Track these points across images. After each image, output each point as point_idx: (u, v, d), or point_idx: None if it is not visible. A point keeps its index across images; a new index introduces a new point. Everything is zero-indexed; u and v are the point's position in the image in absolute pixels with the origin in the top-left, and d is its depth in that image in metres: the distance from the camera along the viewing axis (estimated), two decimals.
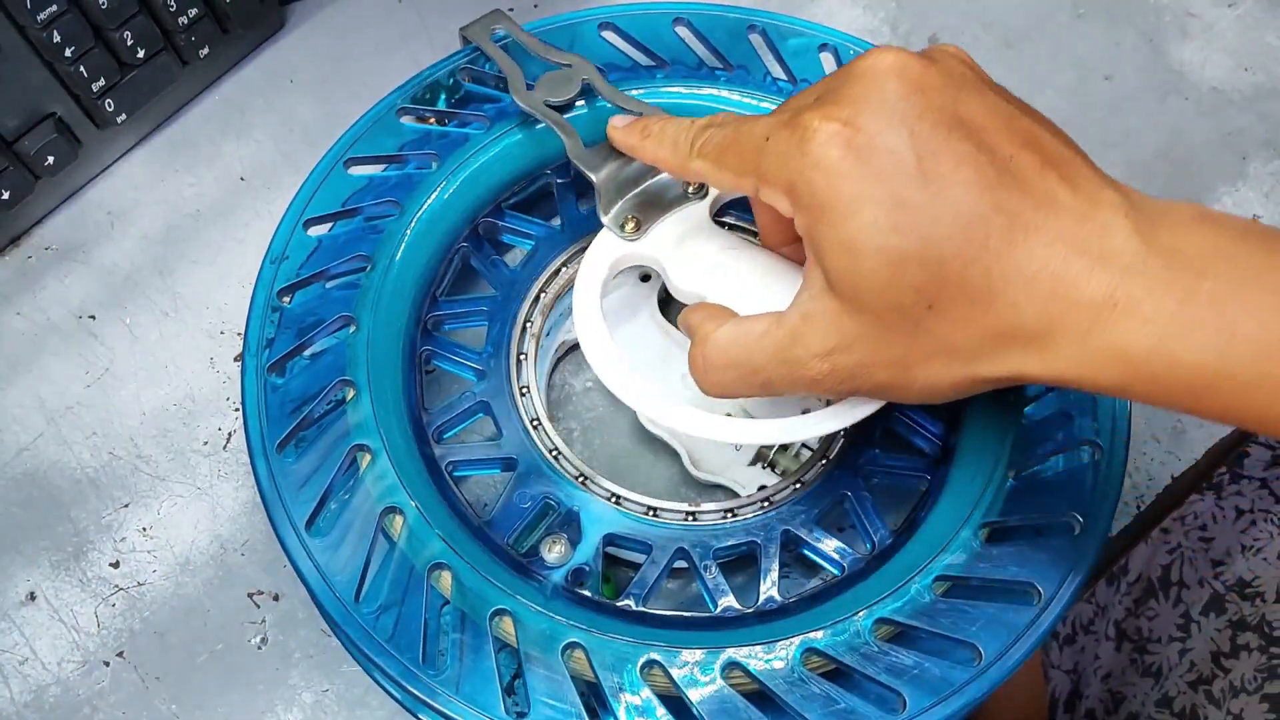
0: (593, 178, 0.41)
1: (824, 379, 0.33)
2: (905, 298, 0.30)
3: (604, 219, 0.41)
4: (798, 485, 0.42)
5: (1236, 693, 0.51)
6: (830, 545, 0.40)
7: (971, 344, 0.30)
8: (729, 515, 0.41)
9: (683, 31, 0.49)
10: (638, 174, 0.41)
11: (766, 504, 0.41)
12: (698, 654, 0.36)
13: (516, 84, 0.45)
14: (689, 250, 0.40)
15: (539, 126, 0.46)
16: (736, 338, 0.35)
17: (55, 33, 0.46)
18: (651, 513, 0.41)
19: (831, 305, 0.32)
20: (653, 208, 0.41)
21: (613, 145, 0.40)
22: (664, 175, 0.41)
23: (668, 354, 0.46)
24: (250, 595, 0.44)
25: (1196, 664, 0.54)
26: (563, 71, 0.45)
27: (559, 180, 0.48)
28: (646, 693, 0.35)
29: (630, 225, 0.40)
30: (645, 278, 0.48)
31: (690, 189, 0.41)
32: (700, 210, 0.41)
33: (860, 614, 0.36)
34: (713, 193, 0.41)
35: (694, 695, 0.35)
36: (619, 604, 0.39)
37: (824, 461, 0.42)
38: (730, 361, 0.35)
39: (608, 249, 0.41)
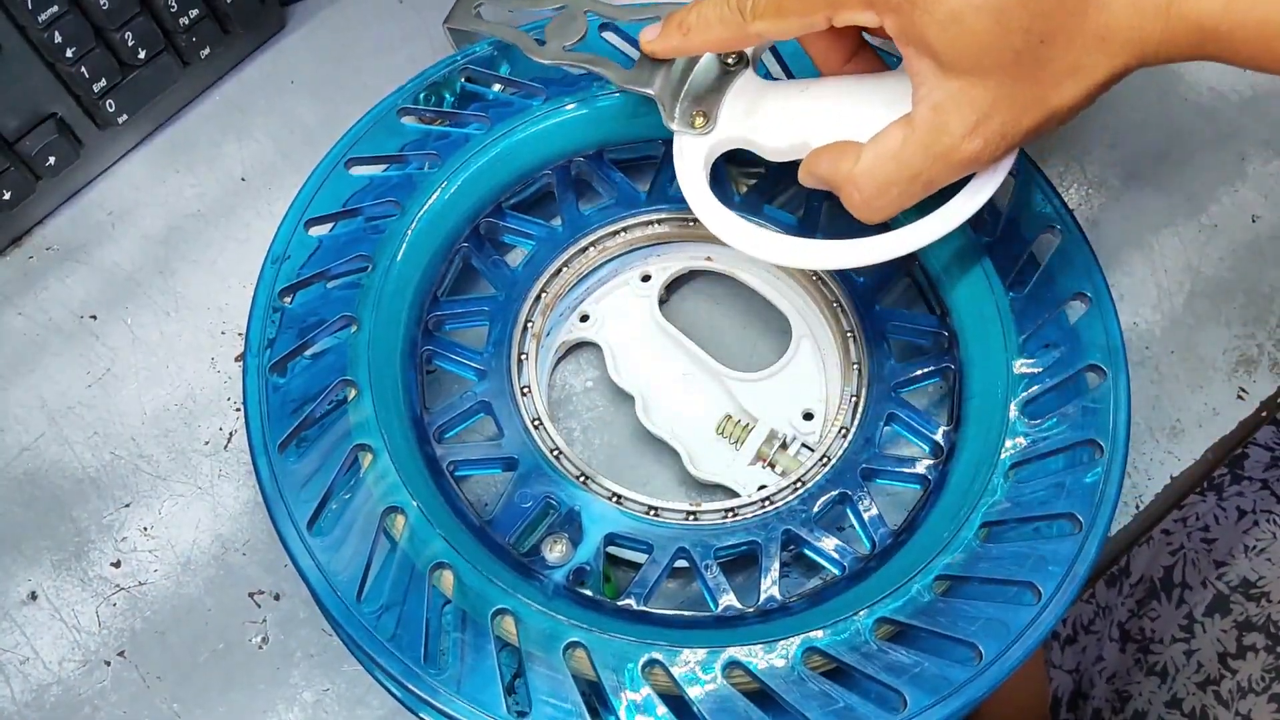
0: (651, 93, 0.42)
1: (980, 152, 0.34)
2: (1019, 41, 0.32)
3: (673, 126, 0.42)
4: (798, 485, 0.42)
5: (1245, 693, 0.51)
6: (830, 545, 0.40)
7: (1086, 57, 0.33)
8: (729, 515, 0.41)
9: None
10: (681, 72, 0.42)
11: (766, 504, 0.41)
12: (699, 653, 0.36)
13: (529, 45, 0.45)
14: (765, 113, 0.41)
15: (540, 126, 0.46)
16: (879, 159, 0.36)
17: (56, 33, 0.46)
18: (652, 512, 0.41)
19: (955, 85, 0.33)
20: (707, 96, 0.42)
21: (652, 56, 0.41)
22: (703, 62, 0.42)
23: (668, 353, 0.47)
24: (251, 595, 0.44)
25: (1204, 665, 0.55)
26: (563, 14, 0.45)
27: (559, 180, 0.48)
28: (647, 691, 0.35)
29: (699, 119, 0.42)
30: (645, 278, 0.48)
31: (729, 60, 0.42)
32: (748, 77, 0.42)
33: (860, 613, 0.37)
34: (749, 54, 0.42)
35: (695, 694, 0.35)
36: (620, 603, 0.39)
37: (824, 461, 0.42)
38: (886, 181, 0.36)
39: (694, 151, 0.42)
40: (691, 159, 0.42)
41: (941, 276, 0.44)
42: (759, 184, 0.48)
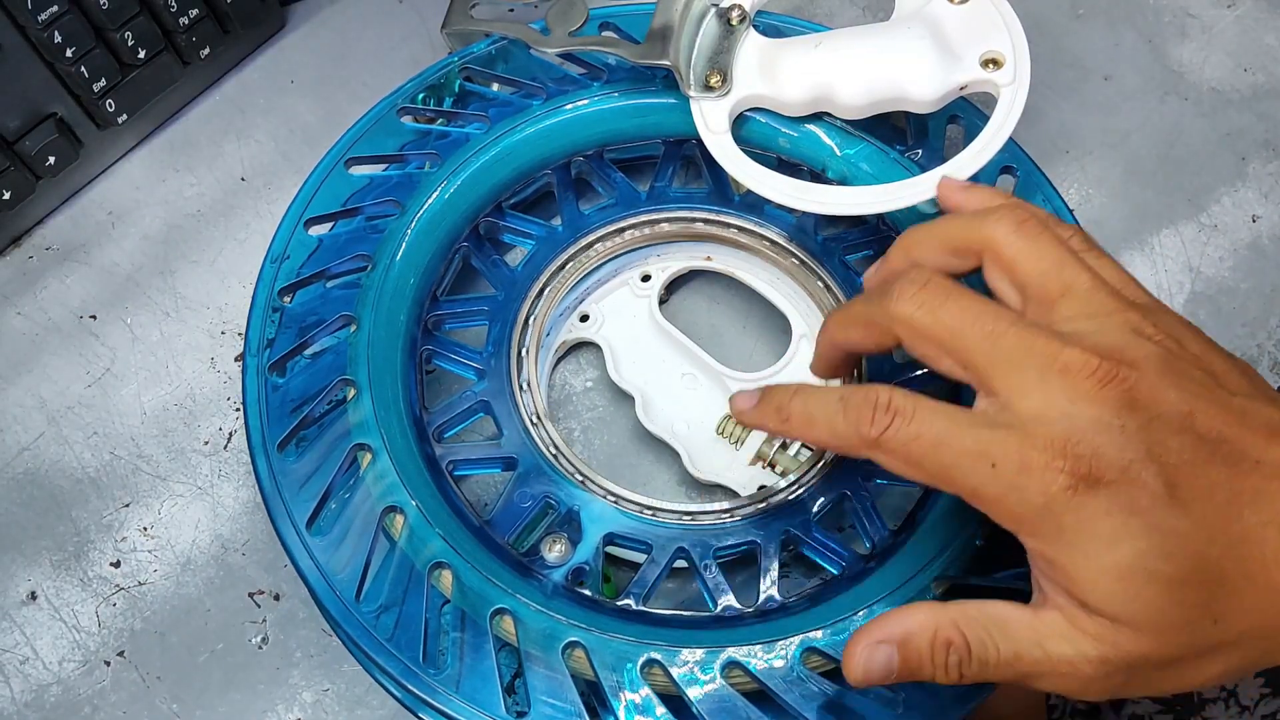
0: (666, 64, 0.43)
1: (1094, 682, 0.30)
2: (1190, 614, 0.29)
3: (691, 93, 0.43)
4: (799, 484, 0.42)
5: None
6: (830, 545, 0.40)
7: (1249, 639, 0.29)
8: (729, 515, 0.41)
9: None
10: (689, 38, 0.43)
11: (766, 504, 0.41)
12: (698, 653, 0.36)
13: (533, 37, 0.45)
14: (781, 70, 0.43)
15: (540, 126, 0.46)
16: (990, 627, 0.31)
17: (56, 33, 0.46)
18: (651, 512, 0.41)
19: (1098, 622, 0.29)
20: (718, 56, 0.43)
21: (741, 422, 0.37)
22: (707, 23, 0.43)
23: (668, 353, 0.47)
24: (251, 595, 0.44)
25: None
26: (560, 2, 0.45)
27: (559, 180, 0.48)
28: (647, 691, 0.35)
29: (715, 79, 0.43)
30: (645, 278, 0.48)
31: (734, 19, 0.43)
32: (754, 38, 0.43)
33: (860, 614, 0.36)
34: (749, 9, 0.44)
35: (694, 694, 0.35)
36: (619, 603, 0.39)
37: (823, 462, 0.42)
38: (982, 642, 0.31)
39: (717, 114, 0.43)
40: (716, 122, 0.43)
41: None
42: None
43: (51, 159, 0.49)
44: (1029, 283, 0.33)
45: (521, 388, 0.43)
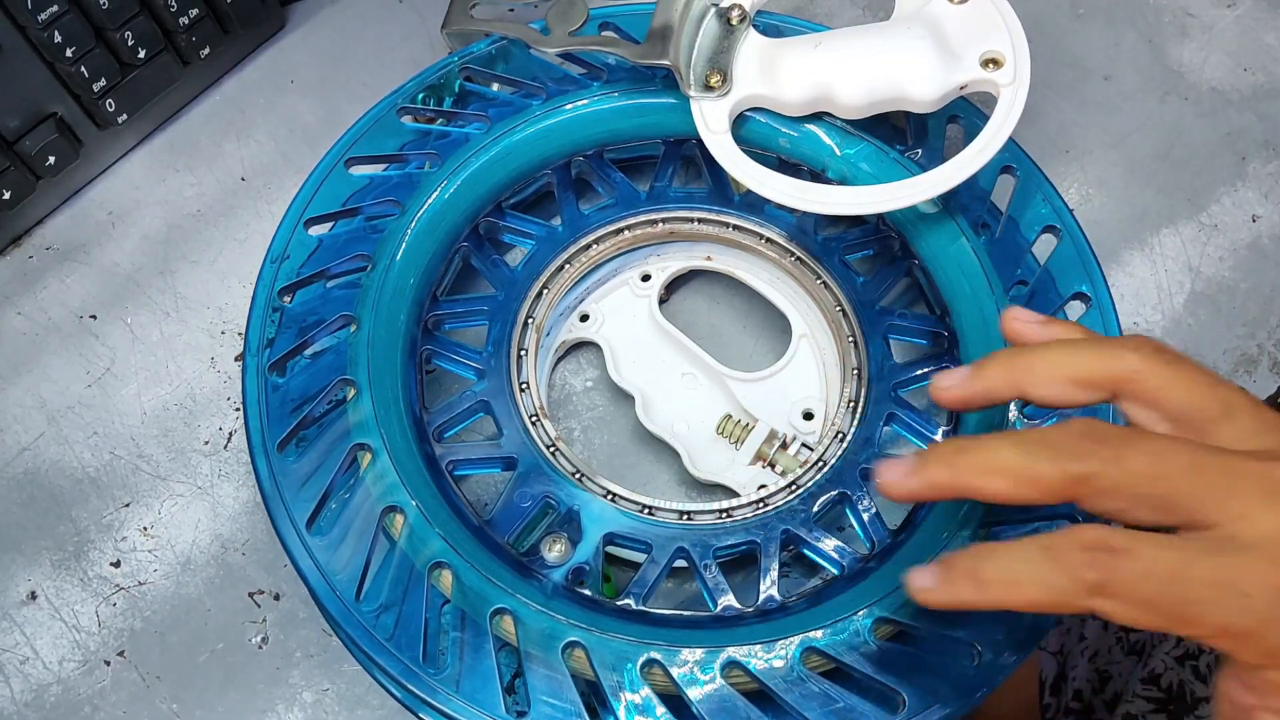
0: (666, 64, 0.43)
1: None
2: None
3: (691, 93, 0.43)
4: (797, 485, 0.42)
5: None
6: (830, 545, 0.40)
7: None
8: (728, 515, 0.41)
9: None
10: (689, 38, 0.43)
11: (765, 504, 0.41)
12: (698, 653, 0.36)
13: (533, 37, 0.45)
14: (781, 70, 0.43)
15: (540, 126, 0.46)
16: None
17: (56, 33, 0.46)
18: (651, 512, 0.41)
19: None
20: (718, 56, 0.43)
21: (927, 604, 0.31)
22: (707, 23, 0.43)
23: (668, 353, 0.47)
24: (251, 594, 0.44)
25: (1183, 639, 0.54)
26: (560, 2, 0.45)
27: (559, 180, 0.48)
28: (646, 691, 0.35)
29: (715, 79, 0.43)
30: (645, 278, 0.48)
31: (734, 19, 0.43)
32: (754, 38, 0.43)
33: (860, 613, 0.36)
34: (749, 6, 0.44)
35: (694, 694, 0.35)
36: (619, 603, 0.39)
37: (822, 463, 0.42)
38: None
39: (716, 114, 0.43)
40: (715, 122, 0.43)
41: (941, 276, 0.44)
42: None
43: (51, 159, 0.49)
44: (1181, 411, 0.30)
45: (521, 388, 0.43)
